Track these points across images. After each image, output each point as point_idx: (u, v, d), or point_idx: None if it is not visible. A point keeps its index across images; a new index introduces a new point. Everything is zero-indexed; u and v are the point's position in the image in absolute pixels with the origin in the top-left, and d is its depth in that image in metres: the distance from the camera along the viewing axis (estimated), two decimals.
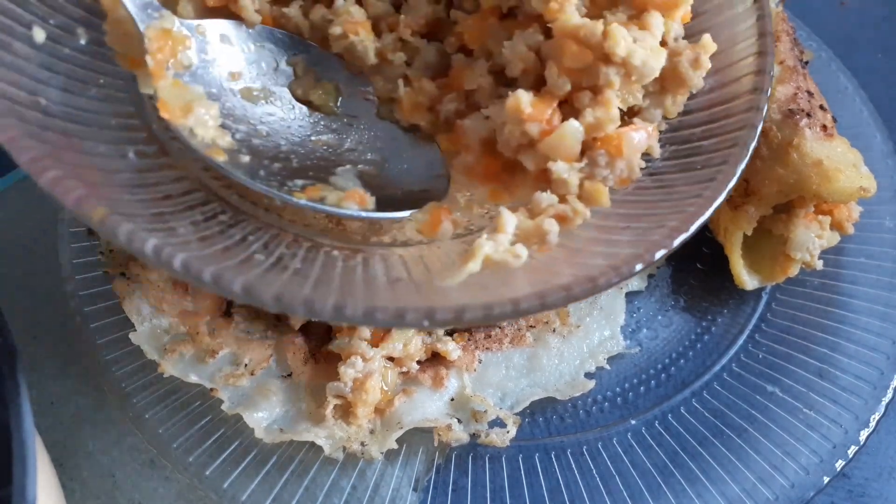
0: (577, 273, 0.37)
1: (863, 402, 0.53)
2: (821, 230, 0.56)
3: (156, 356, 0.49)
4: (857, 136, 0.64)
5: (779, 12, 0.60)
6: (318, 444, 0.49)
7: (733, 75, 0.46)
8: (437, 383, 0.52)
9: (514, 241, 0.38)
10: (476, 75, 0.45)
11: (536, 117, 0.40)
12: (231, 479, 0.48)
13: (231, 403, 0.49)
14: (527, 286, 0.37)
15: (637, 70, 0.40)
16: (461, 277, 0.36)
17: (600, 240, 0.41)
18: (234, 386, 0.49)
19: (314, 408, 0.50)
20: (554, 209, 0.40)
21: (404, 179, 0.45)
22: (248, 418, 0.48)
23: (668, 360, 0.57)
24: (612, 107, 0.41)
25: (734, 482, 0.50)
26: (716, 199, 0.42)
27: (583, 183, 0.41)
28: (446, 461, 0.51)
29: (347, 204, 0.41)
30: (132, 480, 0.52)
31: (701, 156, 0.44)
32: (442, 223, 0.42)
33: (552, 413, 0.54)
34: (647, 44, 0.41)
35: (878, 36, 0.80)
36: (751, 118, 0.44)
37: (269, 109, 0.45)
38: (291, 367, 0.51)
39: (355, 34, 0.46)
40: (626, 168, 0.42)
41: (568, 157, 0.41)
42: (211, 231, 0.40)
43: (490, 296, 0.36)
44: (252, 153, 0.42)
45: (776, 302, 0.59)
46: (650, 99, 0.44)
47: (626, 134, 0.41)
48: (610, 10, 0.42)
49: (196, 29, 0.43)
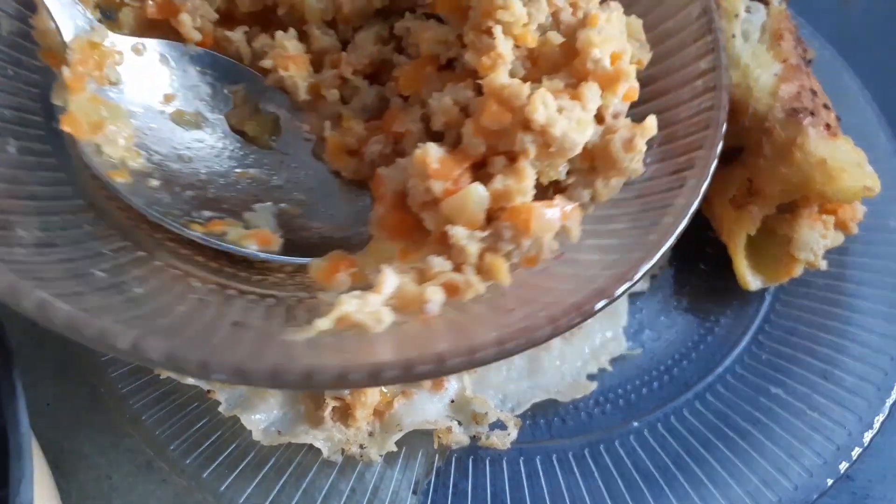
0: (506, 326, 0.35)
1: (867, 404, 0.53)
2: (825, 230, 0.56)
3: None
4: (861, 135, 0.64)
5: (782, 10, 0.60)
6: (317, 447, 0.48)
7: (685, 75, 0.45)
8: (437, 385, 0.51)
9: (389, 303, 0.35)
10: (408, 120, 0.43)
11: (443, 174, 0.38)
12: (228, 482, 0.48)
13: (228, 405, 0.48)
14: (445, 343, 0.34)
15: (556, 141, 0.37)
16: (308, 334, 0.34)
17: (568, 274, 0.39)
18: (231, 388, 0.49)
19: (312, 410, 0.49)
20: (445, 277, 0.37)
21: (326, 225, 0.44)
22: (245, 420, 0.48)
23: (670, 361, 0.57)
24: (525, 177, 0.38)
25: (737, 485, 0.50)
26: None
27: (483, 255, 0.38)
28: (446, 464, 0.50)
29: (247, 243, 0.40)
30: (129, 483, 0.52)
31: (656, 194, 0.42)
32: (338, 273, 0.39)
33: (554, 415, 0.53)
34: (574, 115, 0.38)
35: (882, 34, 0.80)
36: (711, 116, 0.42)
37: (198, 136, 0.44)
38: None
39: (285, 69, 0.45)
40: (535, 247, 0.38)
41: (470, 224, 0.38)
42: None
43: (416, 350, 0.34)
44: (165, 178, 0.41)
45: (780, 303, 0.59)
46: (578, 177, 0.41)
47: (535, 209, 0.38)
48: (549, 76, 0.39)
49: (133, 46, 0.42)
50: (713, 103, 0.44)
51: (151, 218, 0.40)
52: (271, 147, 0.46)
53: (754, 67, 0.57)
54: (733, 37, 0.59)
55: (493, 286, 0.39)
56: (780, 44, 0.58)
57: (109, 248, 0.40)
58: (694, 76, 0.46)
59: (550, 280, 0.40)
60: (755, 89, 0.56)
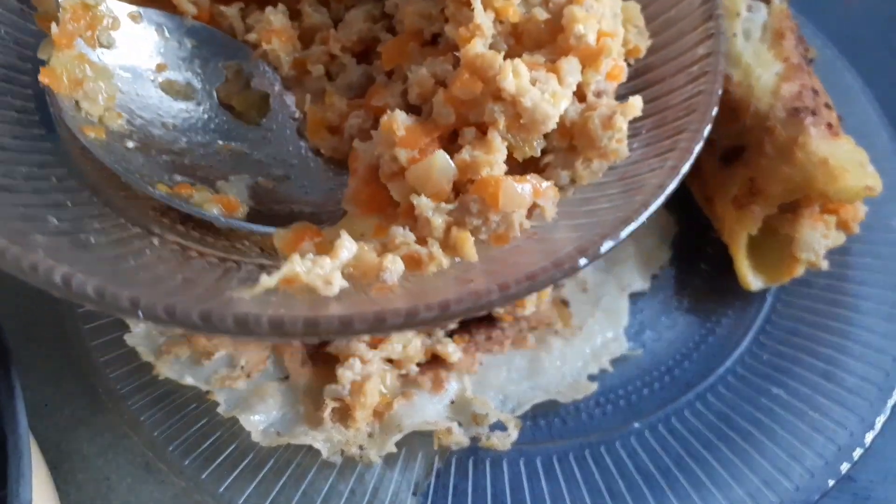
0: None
1: (868, 405, 0.53)
2: (826, 230, 0.56)
3: (151, 358, 0.49)
4: (863, 135, 0.63)
5: (783, 9, 0.60)
6: (316, 448, 0.48)
7: (683, 61, 0.44)
8: (437, 386, 0.51)
9: (347, 270, 0.35)
10: (388, 94, 0.42)
11: (409, 143, 0.37)
12: (227, 484, 0.47)
13: (227, 406, 0.48)
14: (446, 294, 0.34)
15: (527, 112, 0.37)
16: (254, 291, 0.34)
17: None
18: (230, 388, 0.49)
19: (312, 411, 0.49)
20: (407, 249, 0.37)
21: (299, 200, 0.44)
22: (244, 421, 0.47)
23: (671, 361, 0.56)
24: (494, 148, 0.37)
25: (739, 486, 0.49)
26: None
27: (450, 228, 0.37)
28: (446, 465, 0.50)
29: (211, 207, 0.40)
30: (127, 484, 0.51)
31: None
32: (303, 243, 0.39)
33: (554, 416, 0.53)
34: (549, 88, 0.37)
35: (884, 33, 0.80)
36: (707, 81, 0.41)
37: (186, 106, 0.45)
38: (289, 369, 0.51)
39: (268, 42, 0.45)
40: (504, 223, 0.38)
41: (436, 194, 0.37)
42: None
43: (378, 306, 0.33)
44: (143, 142, 0.42)
45: (781, 303, 0.59)
46: (556, 157, 0.40)
47: (504, 182, 0.37)
48: (532, 53, 0.39)
49: (130, 14, 0.43)
50: (705, 88, 0.43)
51: (115, 171, 0.40)
52: (258, 123, 0.47)
53: (755, 66, 0.57)
54: (735, 35, 0.58)
55: (461, 263, 0.38)
56: (781, 43, 0.58)
57: (73, 201, 0.40)
58: (690, 62, 0.45)
59: (519, 256, 0.39)
60: (756, 88, 0.56)
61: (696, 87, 0.44)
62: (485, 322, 0.54)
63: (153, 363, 0.48)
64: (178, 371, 0.49)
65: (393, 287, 0.36)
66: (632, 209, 0.38)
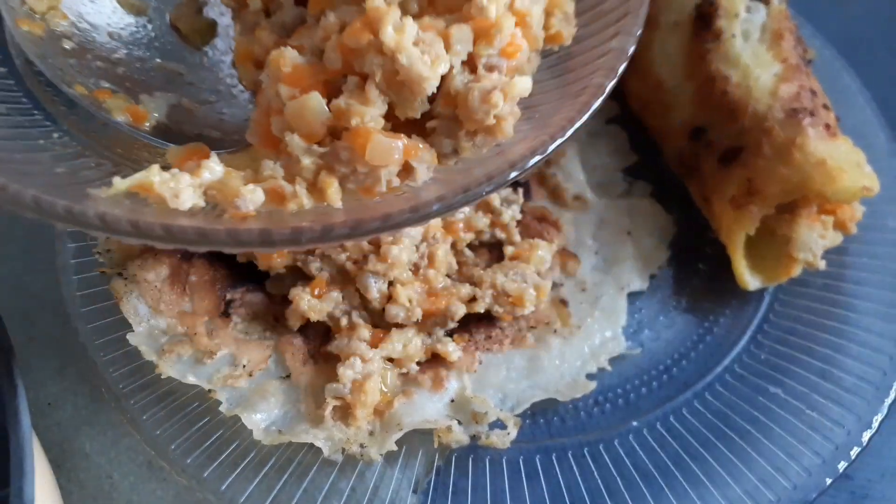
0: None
1: (865, 403, 0.53)
2: (824, 230, 0.56)
3: (153, 357, 0.49)
4: (861, 136, 0.64)
5: (782, 10, 0.60)
6: (317, 446, 0.48)
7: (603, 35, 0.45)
8: (437, 385, 0.51)
9: (210, 190, 0.37)
10: (306, 35, 0.42)
11: (292, 80, 0.38)
12: (229, 482, 0.48)
13: (229, 405, 0.49)
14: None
15: (403, 70, 0.37)
16: (109, 191, 0.36)
17: None
18: (232, 387, 0.49)
19: (313, 409, 0.49)
20: (274, 183, 0.38)
21: (212, 125, 0.46)
22: (246, 420, 0.48)
23: (670, 360, 0.57)
24: (369, 100, 0.38)
25: (736, 484, 0.50)
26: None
27: (319, 172, 0.39)
28: (446, 463, 0.50)
29: (120, 115, 0.43)
30: (130, 482, 0.52)
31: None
32: (190, 161, 0.40)
33: (553, 414, 0.53)
34: (433, 50, 0.38)
35: (882, 34, 0.80)
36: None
37: (136, 21, 0.47)
38: (290, 368, 0.51)
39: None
40: (371, 177, 0.39)
41: (308, 135, 0.38)
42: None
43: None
44: (82, 45, 0.44)
45: (779, 302, 0.59)
46: (441, 123, 0.41)
47: (374, 134, 0.38)
48: (438, 16, 0.40)
49: None
50: (616, 45, 0.44)
51: (34, 62, 0.42)
52: (199, 49, 0.49)
53: (754, 67, 0.57)
54: (733, 37, 0.59)
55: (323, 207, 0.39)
56: (780, 44, 0.58)
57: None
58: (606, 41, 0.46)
59: (383, 208, 0.40)
60: (755, 89, 0.56)
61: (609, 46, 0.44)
62: (484, 321, 0.54)
63: (155, 362, 0.49)
64: (181, 370, 0.49)
65: (248, 214, 0.37)
66: (555, 127, 0.39)
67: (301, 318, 0.51)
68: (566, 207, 0.62)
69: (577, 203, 0.63)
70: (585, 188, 0.63)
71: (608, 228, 0.62)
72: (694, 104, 0.59)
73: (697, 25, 0.60)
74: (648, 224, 0.62)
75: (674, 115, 0.61)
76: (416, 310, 0.49)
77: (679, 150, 0.62)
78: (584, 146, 0.66)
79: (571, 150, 0.65)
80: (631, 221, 0.62)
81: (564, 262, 0.59)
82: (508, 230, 0.57)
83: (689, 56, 0.60)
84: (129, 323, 0.50)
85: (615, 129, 0.69)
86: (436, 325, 0.52)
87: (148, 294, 0.50)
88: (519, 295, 0.52)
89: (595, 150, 0.67)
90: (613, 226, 0.62)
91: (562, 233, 0.60)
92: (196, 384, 0.49)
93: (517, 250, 0.56)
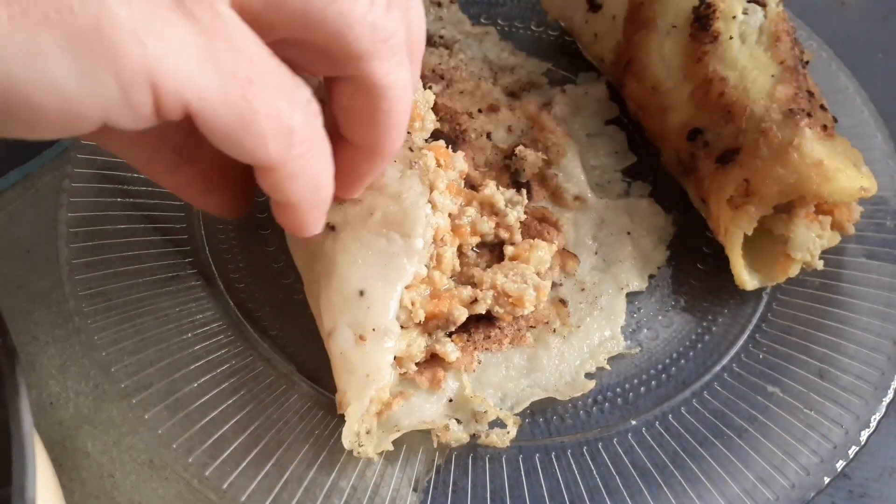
0: None
1: (863, 403, 0.53)
2: (821, 230, 0.56)
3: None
4: (858, 136, 0.64)
5: (779, 12, 0.60)
6: (317, 445, 0.49)
7: None
8: (434, 385, 0.51)
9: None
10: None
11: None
12: (230, 480, 0.48)
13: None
14: None
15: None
16: None
17: None
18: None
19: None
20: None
21: None
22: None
23: (668, 360, 0.57)
24: None
25: (735, 482, 0.50)
26: None
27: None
28: (446, 462, 0.51)
29: None
30: (131, 481, 0.52)
31: None
32: None
33: (552, 413, 0.54)
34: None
35: (879, 35, 0.81)
36: None
37: None
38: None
39: None
40: None
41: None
42: None
43: None
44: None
45: (777, 302, 0.59)
46: None
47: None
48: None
49: None
50: None
51: None
52: None
53: (752, 69, 0.57)
54: (731, 39, 0.59)
55: None
56: (777, 45, 0.58)
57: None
58: None
59: None
60: (752, 91, 0.57)
61: None
62: (483, 321, 0.55)
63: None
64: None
65: None
66: None
67: None
68: (566, 207, 0.63)
69: (577, 203, 0.63)
70: (586, 188, 0.64)
71: (608, 228, 0.62)
72: (691, 105, 0.60)
73: (695, 28, 0.60)
74: (648, 224, 0.62)
75: (671, 117, 0.62)
76: (420, 311, 0.50)
77: (677, 151, 0.62)
78: (583, 147, 0.67)
79: (572, 150, 0.66)
80: (631, 222, 0.62)
81: (564, 262, 0.59)
82: (511, 230, 0.57)
83: (687, 58, 0.60)
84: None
85: (614, 130, 0.69)
86: (437, 327, 0.52)
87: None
88: (519, 296, 0.52)
89: (594, 150, 0.67)
90: (613, 226, 0.62)
91: (562, 233, 0.61)
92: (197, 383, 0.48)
93: (517, 250, 0.56)
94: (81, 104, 0.28)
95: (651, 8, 0.63)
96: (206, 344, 0.53)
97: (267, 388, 0.52)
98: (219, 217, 0.53)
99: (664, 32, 0.62)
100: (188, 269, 0.58)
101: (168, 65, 0.29)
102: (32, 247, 0.61)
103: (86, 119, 0.29)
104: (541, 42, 0.77)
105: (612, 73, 0.70)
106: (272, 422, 0.50)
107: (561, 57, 0.75)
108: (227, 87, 0.30)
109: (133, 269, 0.56)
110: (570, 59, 0.75)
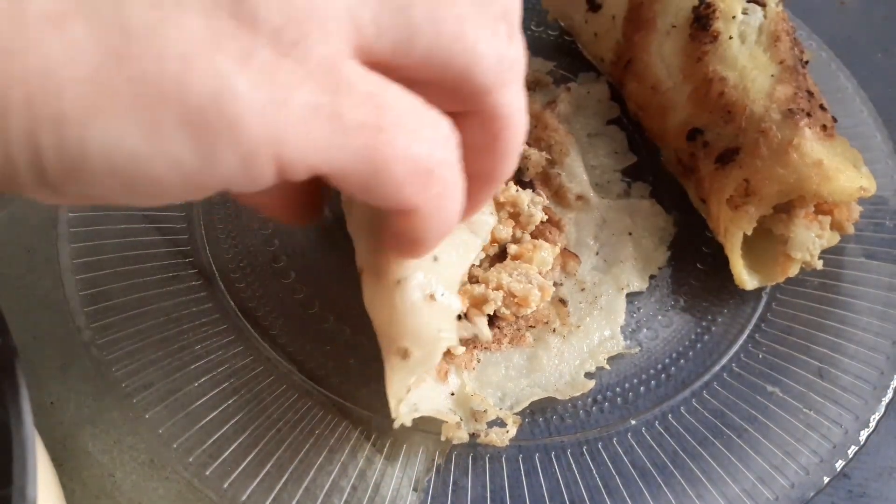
0: None
1: (863, 402, 0.53)
2: (821, 230, 0.56)
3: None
4: (857, 136, 0.64)
5: (779, 12, 0.61)
6: (317, 445, 0.49)
7: None
8: (442, 376, 0.51)
9: None
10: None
11: None
12: (231, 480, 0.48)
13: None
14: None
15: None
16: None
17: None
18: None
19: None
20: None
21: None
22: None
23: (668, 360, 0.57)
24: None
25: (734, 482, 0.50)
26: None
27: None
28: (446, 461, 0.51)
29: None
30: (132, 480, 0.52)
31: None
32: None
33: (552, 413, 0.54)
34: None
35: (879, 35, 0.81)
36: None
37: None
38: None
39: None
40: None
41: None
42: None
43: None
44: None
45: (776, 302, 0.59)
46: None
47: None
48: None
49: None
50: None
51: None
52: None
53: (751, 69, 0.58)
54: (731, 39, 0.59)
55: None
56: (777, 45, 0.59)
57: None
58: None
59: None
60: (752, 91, 0.57)
61: None
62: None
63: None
64: None
65: None
66: None
67: None
68: (569, 207, 0.63)
69: (579, 203, 0.63)
70: (588, 188, 0.64)
71: (610, 229, 0.62)
72: (691, 105, 0.60)
73: (695, 28, 0.60)
74: (649, 225, 0.62)
75: (671, 117, 0.62)
76: (465, 300, 0.50)
77: (676, 151, 0.62)
78: (584, 147, 0.67)
79: (574, 149, 0.66)
80: (632, 222, 0.62)
81: (565, 262, 0.59)
82: (526, 230, 0.56)
83: (687, 58, 0.60)
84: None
85: (614, 130, 0.69)
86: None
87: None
88: (525, 296, 0.52)
89: (594, 151, 0.67)
90: (615, 226, 0.62)
91: (564, 233, 0.61)
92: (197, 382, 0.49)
93: (520, 250, 0.56)
94: (202, 178, 0.27)
95: (651, 8, 0.63)
96: (206, 344, 0.54)
97: (267, 388, 0.52)
98: (291, 224, 0.55)
99: (664, 32, 0.62)
100: (188, 269, 0.58)
101: (291, 135, 0.27)
102: (33, 247, 0.62)
103: (206, 190, 0.28)
104: (541, 42, 0.77)
105: (612, 73, 0.70)
106: (272, 422, 0.51)
107: (561, 57, 0.75)
108: (355, 143, 0.29)
109: (133, 269, 0.56)
110: (570, 58, 0.75)
